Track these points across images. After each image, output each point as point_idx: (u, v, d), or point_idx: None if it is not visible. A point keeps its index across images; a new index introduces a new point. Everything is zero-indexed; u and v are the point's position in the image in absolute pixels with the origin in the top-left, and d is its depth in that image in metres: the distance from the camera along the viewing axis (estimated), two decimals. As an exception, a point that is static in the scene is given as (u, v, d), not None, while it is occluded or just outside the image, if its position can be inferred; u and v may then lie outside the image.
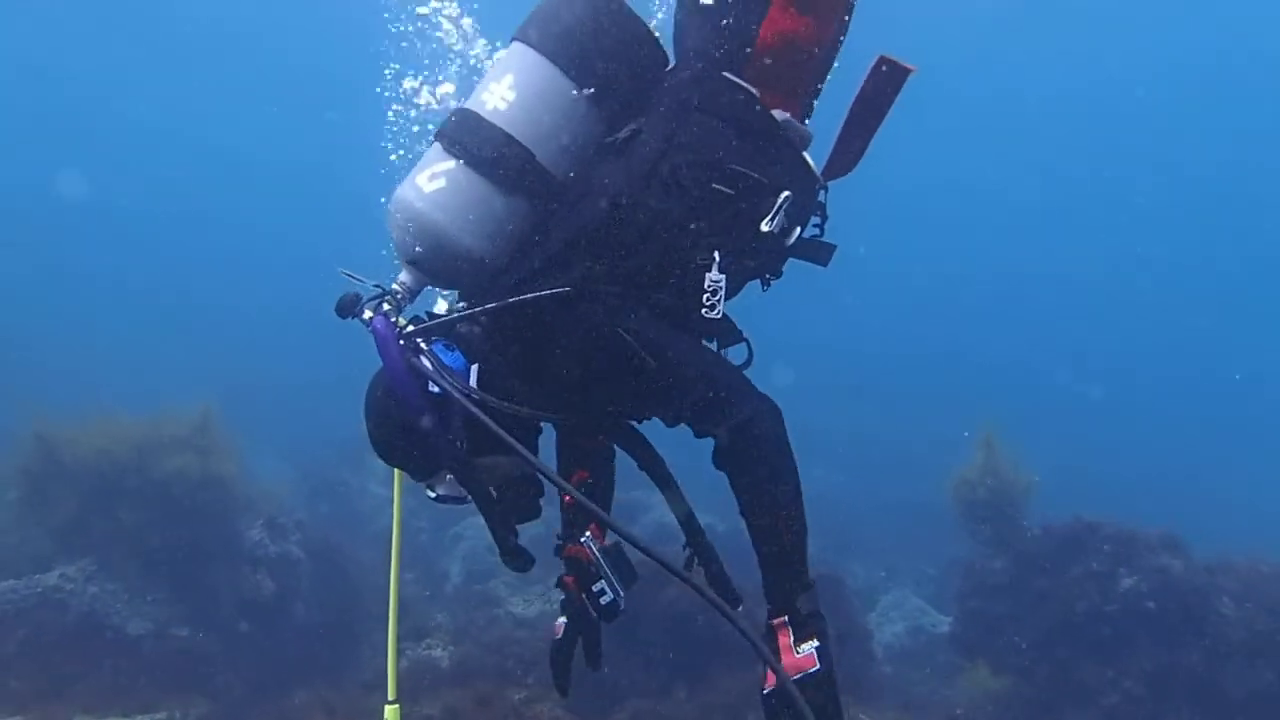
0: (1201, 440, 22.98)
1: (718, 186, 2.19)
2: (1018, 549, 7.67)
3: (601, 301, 2.09)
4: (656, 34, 2.31)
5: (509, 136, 2.11)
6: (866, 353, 27.65)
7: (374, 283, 2.15)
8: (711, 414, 2.10)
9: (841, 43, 2.43)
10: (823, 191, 2.45)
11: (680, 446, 2.45)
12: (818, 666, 1.94)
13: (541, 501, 2.27)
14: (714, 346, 2.36)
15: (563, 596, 2.55)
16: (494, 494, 2.14)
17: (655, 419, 2.31)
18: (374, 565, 8.75)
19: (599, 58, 2.18)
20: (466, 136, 2.11)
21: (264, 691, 7.22)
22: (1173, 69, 30.01)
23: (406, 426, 2.03)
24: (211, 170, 35.40)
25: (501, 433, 1.95)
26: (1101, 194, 34.66)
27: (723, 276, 2.17)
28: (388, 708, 2.34)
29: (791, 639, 1.98)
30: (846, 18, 2.41)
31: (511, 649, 7.80)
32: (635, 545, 1.94)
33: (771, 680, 1.97)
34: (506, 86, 2.15)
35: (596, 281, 2.09)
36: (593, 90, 2.18)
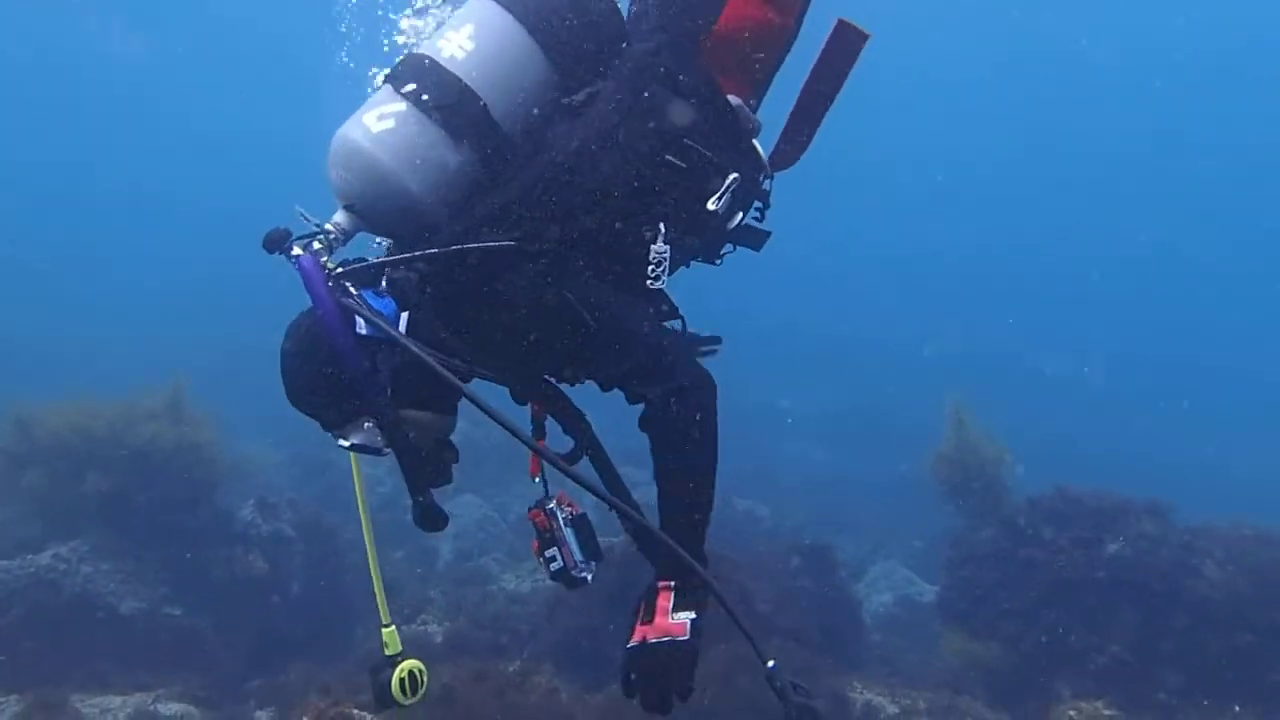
0: (1174, 410, 23.25)
1: (670, 158, 2.20)
2: (1003, 519, 7.79)
3: (545, 259, 2.07)
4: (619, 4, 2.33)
5: (464, 85, 2.07)
6: (847, 331, 27.78)
7: (316, 222, 2.08)
8: (650, 377, 2.13)
9: (796, 35, 2.46)
10: (768, 180, 2.49)
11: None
12: (686, 637, 2.05)
13: (455, 469, 2.23)
14: None
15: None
16: (414, 445, 2.08)
17: (587, 382, 2.29)
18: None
19: (563, 18, 2.18)
20: (420, 80, 2.05)
21: (258, 670, 7.24)
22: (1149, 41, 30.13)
23: (331, 367, 1.96)
24: (186, 149, 35.00)
25: (447, 374, 1.91)
26: (1077, 171, 34.83)
27: (667, 248, 2.19)
28: (384, 630, 2.33)
29: (671, 603, 2.07)
30: (803, 12, 2.44)
31: (506, 624, 7.86)
32: (583, 485, 1.97)
33: (637, 635, 2.08)
34: (466, 36, 2.11)
35: (541, 240, 2.06)
36: (553, 50, 2.16)
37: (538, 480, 2.44)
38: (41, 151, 31.53)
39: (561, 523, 2.41)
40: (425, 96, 2.04)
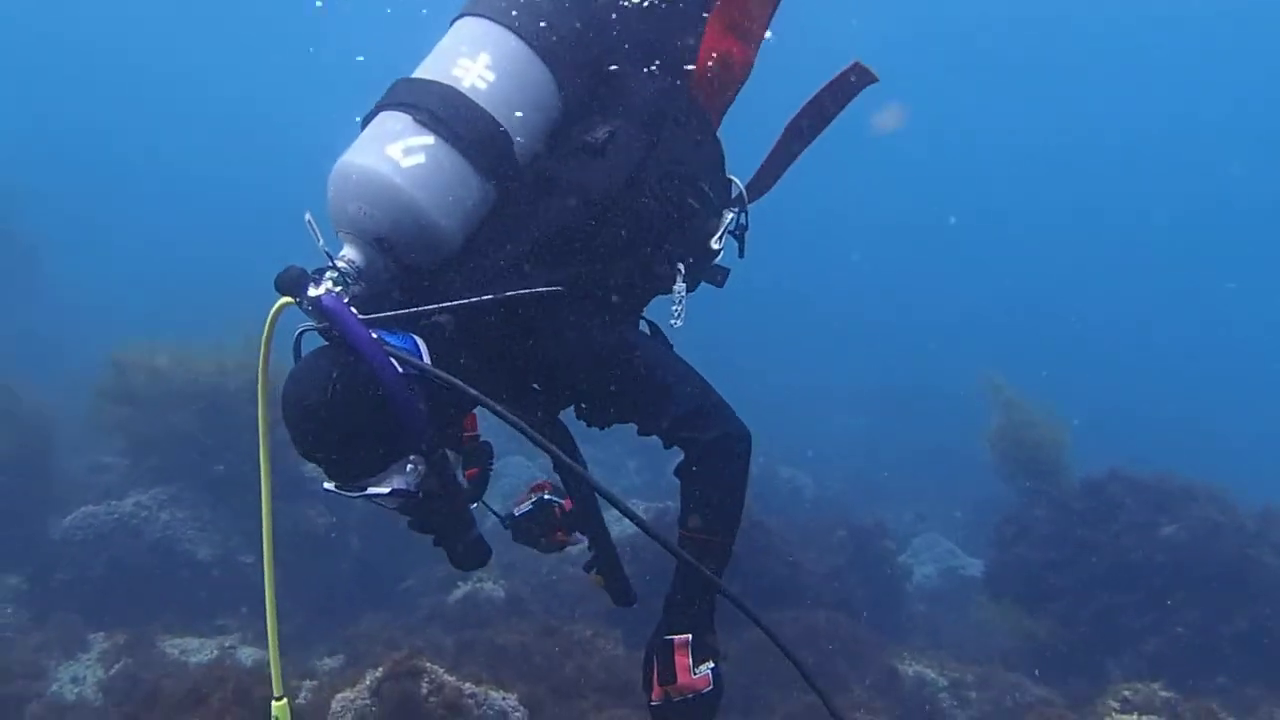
0: (1224, 388, 22.82)
1: (691, 200, 2.25)
2: (1058, 498, 7.81)
3: (592, 304, 2.07)
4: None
5: (493, 119, 2.01)
6: (891, 301, 27.54)
7: (325, 248, 1.94)
8: (695, 423, 2.11)
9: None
10: (744, 214, 2.54)
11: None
12: (710, 688, 2.05)
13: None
14: None
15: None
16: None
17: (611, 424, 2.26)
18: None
19: (577, 51, 2.16)
20: (449, 113, 1.97)
21: (323, 620, 7.51)
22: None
23: (375, 411, 1.82)
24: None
25: (515, 420, 1.79)
26: (1118, 142, 33.95)
27: (685, 286, 2.24)
28: (275, 704, 2.13)
29: (690, 660, 2.05)
30: (760, 43, 2.49)
31: (560, 586, 8.05)
32: (637, 521, 1.87)
33: (658, 694, 2.07)
34: (484, 65, 2.05)
35: (583, 283, 2.05)
36: (564, 81, 2.14)
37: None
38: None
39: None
40: (457, 131, 1.96)
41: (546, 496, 2.51)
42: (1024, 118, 33.57)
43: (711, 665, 2.07)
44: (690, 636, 2.07)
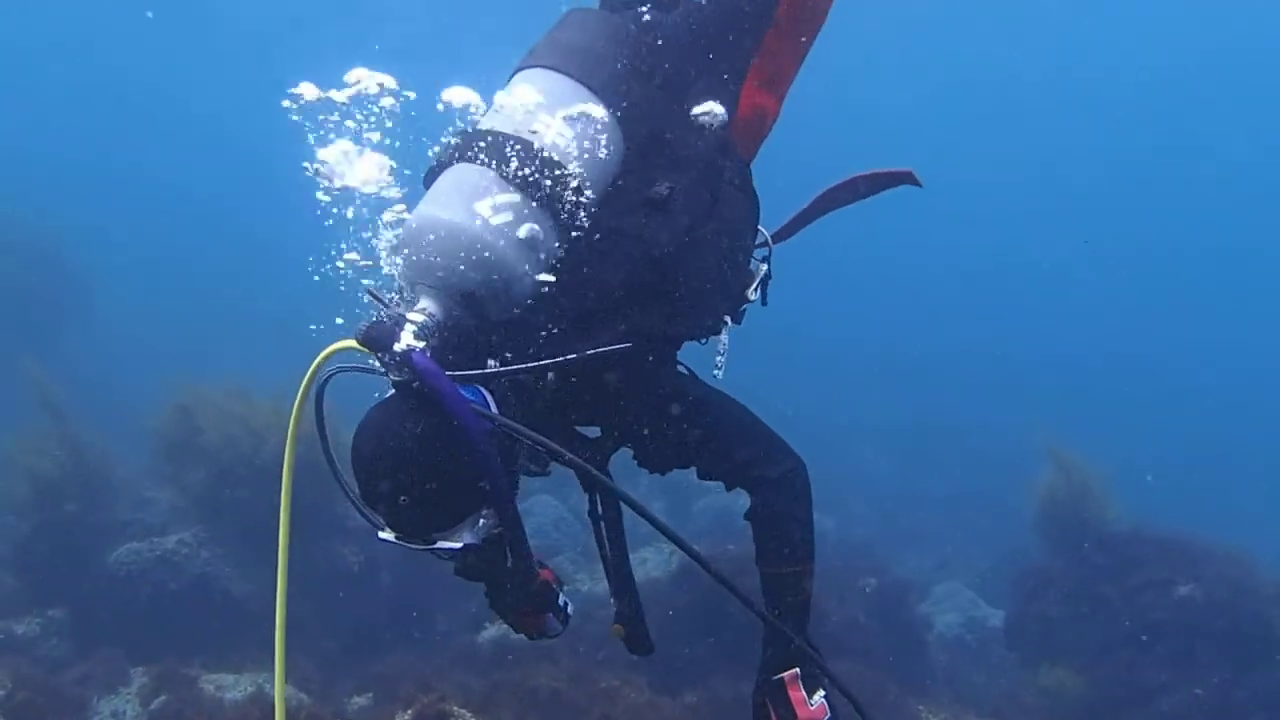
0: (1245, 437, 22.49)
1: (740, 258, 2.34)
2: (1080, 553, 7.86)
3: (659, 357, 2.13)
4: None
5: (571, 176, 2.02)
6: (914, 347, 27.50)
7: (384, 306, 1.95)
8: (760, 462, 2.20)
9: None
10: (768, 263, 2.61)
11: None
12: (829, 715, 2.12)
13: None
14: None
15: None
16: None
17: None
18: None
19: (642, 108, 2.20)
20: (532, 169, 1.98)
21: (353, 658, 7.66)
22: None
23: (466, 466, 1.82)
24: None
25: (605, 479, 1.89)
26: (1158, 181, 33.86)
27: (727, 339, 2.33)
28: None
29: (804, 692, 2.12)
30: (784, 99, 2.59)
31: (587, 629, 8.15)
32: (718, 579, 1.88)
33: None
34: (562, 122, 2.06)
35: (649, 337, 2.07)
36: (631, 139, 2.18)
37: None
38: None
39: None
40: (544, 189, 1.98)
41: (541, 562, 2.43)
42: (1059, 159, 33.59)
43: (824, 693, 2.13)
44: (798, 670, 2.13)
